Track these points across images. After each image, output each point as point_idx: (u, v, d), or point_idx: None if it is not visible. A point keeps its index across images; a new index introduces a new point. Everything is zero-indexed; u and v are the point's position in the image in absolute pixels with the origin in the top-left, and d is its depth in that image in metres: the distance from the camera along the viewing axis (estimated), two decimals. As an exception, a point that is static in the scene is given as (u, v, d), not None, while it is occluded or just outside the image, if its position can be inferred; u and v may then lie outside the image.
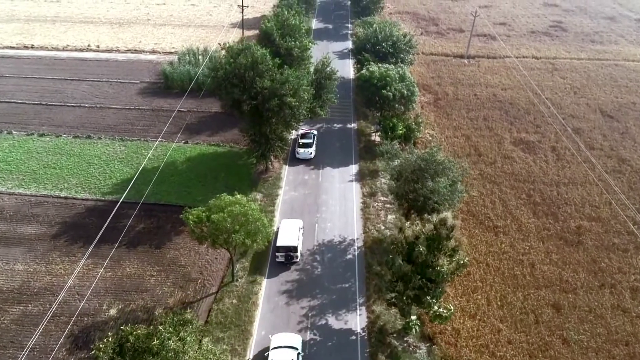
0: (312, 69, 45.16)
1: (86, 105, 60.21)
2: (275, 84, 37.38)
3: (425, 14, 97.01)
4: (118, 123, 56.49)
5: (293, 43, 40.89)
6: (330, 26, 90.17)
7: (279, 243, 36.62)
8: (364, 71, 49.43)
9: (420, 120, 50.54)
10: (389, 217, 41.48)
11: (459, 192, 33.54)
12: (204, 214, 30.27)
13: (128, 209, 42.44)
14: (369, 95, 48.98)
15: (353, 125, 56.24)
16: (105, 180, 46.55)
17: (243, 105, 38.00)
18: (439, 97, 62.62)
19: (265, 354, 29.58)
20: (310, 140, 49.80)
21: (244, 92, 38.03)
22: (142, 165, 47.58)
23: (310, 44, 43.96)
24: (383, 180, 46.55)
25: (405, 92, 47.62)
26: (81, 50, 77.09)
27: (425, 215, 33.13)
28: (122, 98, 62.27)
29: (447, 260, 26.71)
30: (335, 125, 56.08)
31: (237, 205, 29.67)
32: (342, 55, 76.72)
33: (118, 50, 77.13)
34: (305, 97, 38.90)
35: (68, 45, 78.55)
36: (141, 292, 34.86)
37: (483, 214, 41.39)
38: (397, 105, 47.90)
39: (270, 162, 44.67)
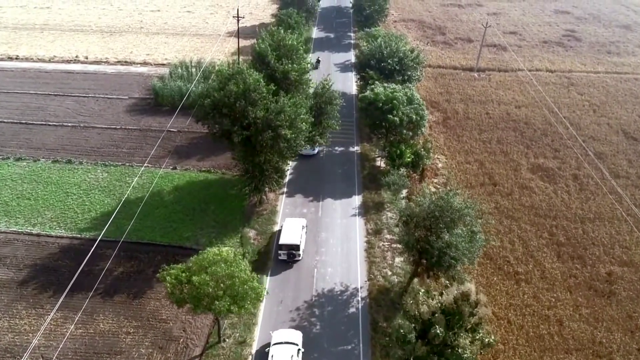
0: (312, 91, 40.85)
1: (69, 124, 55.98)
2: (270, 114, 33.18)
3: (431, 22, 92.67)
4: (102, 145, 52.27)
5: (290, 66, 36.70)
6: (332, 35, 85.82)
7: (282, 241, 36.71)
8: (367, 93, 45.13)
9: (430, 146, 46.23)
10: (397, 259, 37.21)
11: (480, 243, 29.29)
12: (183, 274, 26.08)
13: (106, 249, 38.24)
14: (373, 119, 44.74)
15: (356, 149, 51.89)
16: (84, 213, 42.33)
17: (234, 136, 33.84)
18: (449, 116, 58.28)
19: (266, 349, 29.97)
20: None
21: (235, 122, 33.86)
22: (125, 196, 43.42)
23: (309, 66, 39.59)
24: (389, 214, 42.24)
25: (414, 116, 43.33)
26: (68, 61, 72.89)
27: (440, 274, 29.05)
28: (108, 116, 58.06)
29: (469, 338, 22.51)
30: (337, 148, 51.76)
31: (222, 265, 25.46)
32: (344, 68, 72.42)
33: (107, 62, 72.91)
34: (303, 128, 34.69)
35: (55, 56, 74.36)
36: (115, 354, 30.55)
37: (501, 257, 37.10)
38: (404, 132, 43.61)
39: (264, 195, 40.48)
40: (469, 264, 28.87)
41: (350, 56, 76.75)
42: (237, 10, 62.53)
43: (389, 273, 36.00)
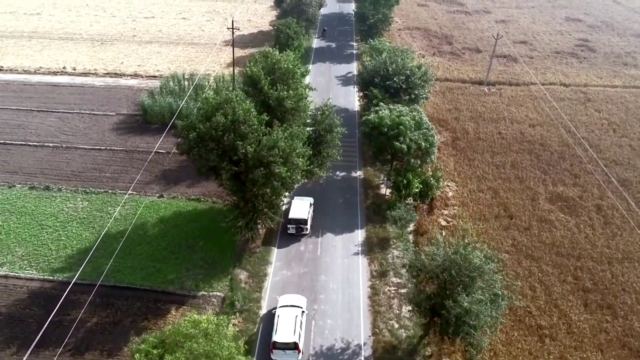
0: (311, 113, 36.92)
1: (50, 144, 52.07)
2: (261, 150, 29.31)
3: (437, 30, 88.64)
4: (84, 169, 48.36)
5: (285, 92, 32.78)
6: (333, 45, 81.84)
7: (291, 216, 39.09)
8: (372, 116, 41.18)
9: (440, 174, 42.25)
10: (404, 308, 33.25)
11: (504, 307, 25.31)
12: (155, 350, 22.20)
13: (81, 294, 34.39)
14: (377, 144, 40.80)
15: (358, 174, 47.92)
16: (59, 250, 38.38)
17: (222, 172, 30.01)
18: (458, 136, 54.25)
19: (273, 311, 32.31)
20: None
21: (223, 157, 30.01)
22: (105, 229, 39.53)
23: (308, 90, 35.62)
24: (395, 252, 38.24)
25: (423, 143, 39.38)
26: (55, 73, 69.05)
27: (456, 339, 25.09)
28: (92, 135, 54.17)
29: None
30: (338, 173, 47.80)
31: (200, 340, 21.58)
32: (345, 81, 68.49)
33: (96, 74, 69.02)
34: (300, 164, 30.81)
35: (41, 67, 70.53)
36: None
37: (522, 307, 33.10)
38: (412, 160, 39.65)
39: (257, 232, 36.54)
40: (491, 333, 24.92)
41: (353, 68, 72.74)
42: (232, 21, 58.60)
43: (396, 326, 31.96)
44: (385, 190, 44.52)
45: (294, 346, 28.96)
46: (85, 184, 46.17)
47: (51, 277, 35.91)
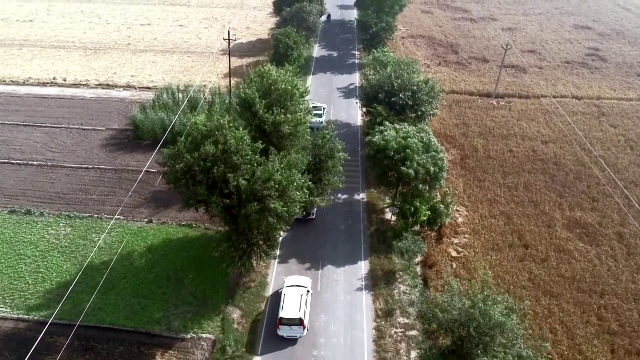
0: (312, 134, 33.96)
1: (35, 162, 49.14)
2: (255, 183, 26.40)
3: (442, 38, 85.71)
4: (69, 190, 45.40)
5: (282, 117, 29.84)
6: (335, 54, 78.91)
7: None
8: (376, 138, 38.21)
9: (450, 200, 39.24)
10: (412, 354, 30.24)
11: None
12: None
13: (58, 336, 31.38)
14: (382, 168, 37.85)
15: (361, 197, 44.92)
16: (36, 284, 35.38)
17: (211, 206, 27.14)
18: (467, 154, 51.25)
19: (279, 290, 33.90)
20: (321, 112, 54.88)
21: (212, 190, 27.12)
22: (89, 260, 36.60)
23: (307, 116, 32.55)
24: (402, 287, 35.17)
25: (431, 168, 36.43)
26: (44, 84, 66.19)
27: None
28: (80, 152, 51.23)
29: None
30: (339, 195, 44.72)
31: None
32: (347, 93, 65.54)
33: (87, 85, 66.15)
34: (297, 198, 27.85)
35: (30, 77, 67.69)
36: None
37: (544, 355, 30.05)
38: (420, 185, 36.67)
39: (251, 265, 33.54)
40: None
41: (355, 79, 69.85)
42: (228, 32, 55.74)
43: (404, 375, 29.05)
44: (390, 216, 41.54)
45: (299, 322, 30.85)
46: (69, 207, 43.21)
47: (26, 316, 32.85)
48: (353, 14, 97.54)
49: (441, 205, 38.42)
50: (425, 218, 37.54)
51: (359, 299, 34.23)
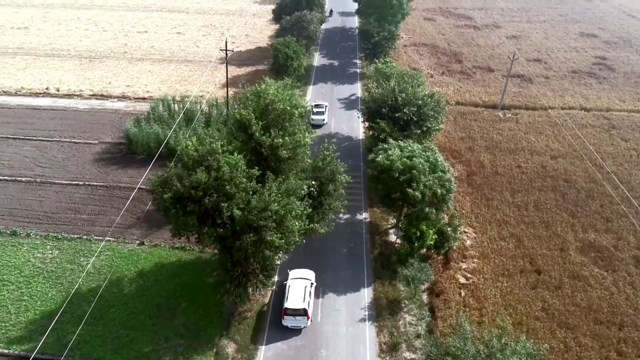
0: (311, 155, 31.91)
1: (23, 179, 47.11)
2: (250, 213, 24.43)
3: (445, 46, 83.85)
4: (58, 209, 43.37)
5: (280, 140, 27.88)
6: (336, 62, 77.03)
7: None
8: (380, 158, 36.21)
9: (458, 223, 37.20)
10: (420, 394, 28.23)
11: None
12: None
13: (39, 373, 29.59)
14: (387, 190, 35.82)
15: (364, 216, 42.87)
16: (19, 313, 33.22)
17: (203, 237, 25.18)
18: (474, 170, 49.22)
19: (284, 282, 34.54)
20: (323, 109, 58.35)
21: (204, 220, 25.16)
22: (76, 287, 34.53)
23: (307, 138, 30.48)
24: (408, 318, 33.08)
25: (439, 190, 34.43)
26: (37, 94, 64.28)
27: None
28: (71, 167, 49.25)
29: None
30: (341, 215, 42.51)
31: None
32: (349, 104, 63.58)
33: (81, 96, 64.21)
34: (296, 229, 25.83)
35: (22, 87, 65.80)
36: None
37: (561, 395, 28.02)
38: (427, 208, 34.66)
39: (247, 295, 31.46)
40: None
41: (357, 89, 67.96)
42: (226, 43, 53.82)
43: (411, 420, 26.97)
44: (396, 238, 39.48)
45: (304, 312, 31.81)
46: (57, 227, 41.12)
47: (7, 351, 30.75)
48: (354, 21, 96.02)
49: (449, 229, 36.42)
50: (432, 242, 35.54)
51: (362, 331, 32.10)
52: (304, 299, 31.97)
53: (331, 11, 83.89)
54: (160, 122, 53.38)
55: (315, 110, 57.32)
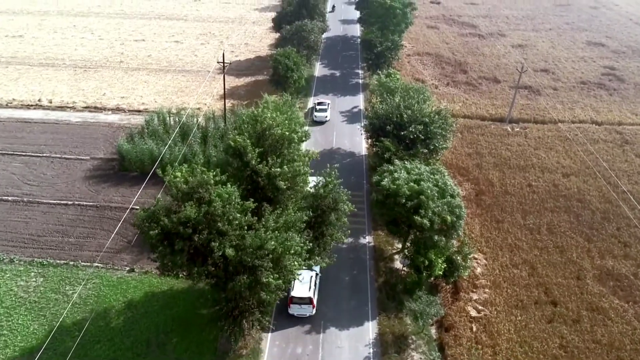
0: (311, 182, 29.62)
1: (9, 198, 44.88)
2: (244, 252, 22.18)
3: (449, 56, 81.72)
4: (45, 231, 41.08)
5: (278, 169, 25.68)
6: (337, 73, 74.86)
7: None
8: (385, 181, 33.97)
9: (468, 250, 34.91)
10: None
11: None
12: None
13: (16, 419, 27.32)
14: (392, 215, 33.57)
15: (367, 240, 40.57)
16: (-3, 350, 31.34)
17: (193, 277, 22.98)
18: (482, 189, 46.93)
19: None
20: (326, 107, 60.47)
21: (194, 258, 22.95)
22: (60, 320, 32.25)
23: (306, 165, 28.24)
24: (415, 355, 30.83)
25: (449, 217, 32.20)
26: (29, 106, 62.11)
27: None
28: (60, 185, 47.02)
29: None
30: (343, 240, 40.45)
31: None
32: (351, 117, 61.36)
33: (74, 108, 62.08)
34: (294, 269, 23.56)
35: (14, 99, 63.68)
36: None
37: None
38: (436, 237, 32.42)
39: (242, 331, 29.19)
40: None
41: (359, 101, 65.79)
42: (223, 55, 51.64)
43: None
44: (402, 266, 37.15)
45: (309, 301, 32.68)
46: (43, 252, 38.86)
47: (-18, 393, 28.82)
48: (356, 30, 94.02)
49: (458, 257, 34.14)
50: (440, 272, 33.26)
51: (367, 371, 29.87)
52: (310, 288, 32.97)
53: (333, 7, 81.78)
54: (155, 137, 51.23)
55: (318, 107, 60.18)
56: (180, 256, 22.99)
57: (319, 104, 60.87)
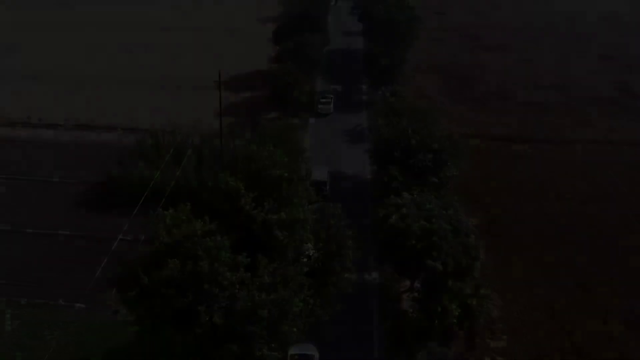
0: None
1: (-12, 227, 42.45)
2: (234, 318, 19.22)
3: (455, 69, 78.82)
4: (24, 265, 38.03)
5: (275, 215, 22.82)
6: (339, 88, 72.24)
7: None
8: (393, 219, 31.05)
9: (483, 292, 31.82)
10: None
11: None
12: None
13: None
14: (401, 257, 30.63)
15: (373, 277, 37.53)
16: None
17: (176, 347, 20.09)
18: (494, 219, 43.94)
19: None
20: (329, 100, 64.67)
21: (177, 321, 20.08)
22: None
23: (306, 212, 25.35)
24: (428, 417, 27.85)
25: (464, 260, 29.24)
26: (14, 124, 59.57)
27: None
28: (44, 212, 44.11)
29: None
30: (346, 275, 37.47)
31: None
32: (354, 138, 58.51)
33: (64, 126, 59.52)
34: (294, 334, 20.62)
35: (1, 117, 61.26)
36: None
37: None
38: (450, 282, 29.45)
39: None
40: None
41: (362, 118, 63.13)
42: (219, 75, 49.05)
43: None
44: (411, 310, 33.99)
45: None
46: (20, 290, 35.72)
47: None
48: (359, 42, 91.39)
49: (474, 302, 31.06)
50: (455, 321, 30.21)
51: None
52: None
53: (336, 1, 79.46)
54: (147, 160, 48.46)
55: (322, 100, 64.38)
56: (159, 320, 20.05)
57: (323, 97, 64.78)
